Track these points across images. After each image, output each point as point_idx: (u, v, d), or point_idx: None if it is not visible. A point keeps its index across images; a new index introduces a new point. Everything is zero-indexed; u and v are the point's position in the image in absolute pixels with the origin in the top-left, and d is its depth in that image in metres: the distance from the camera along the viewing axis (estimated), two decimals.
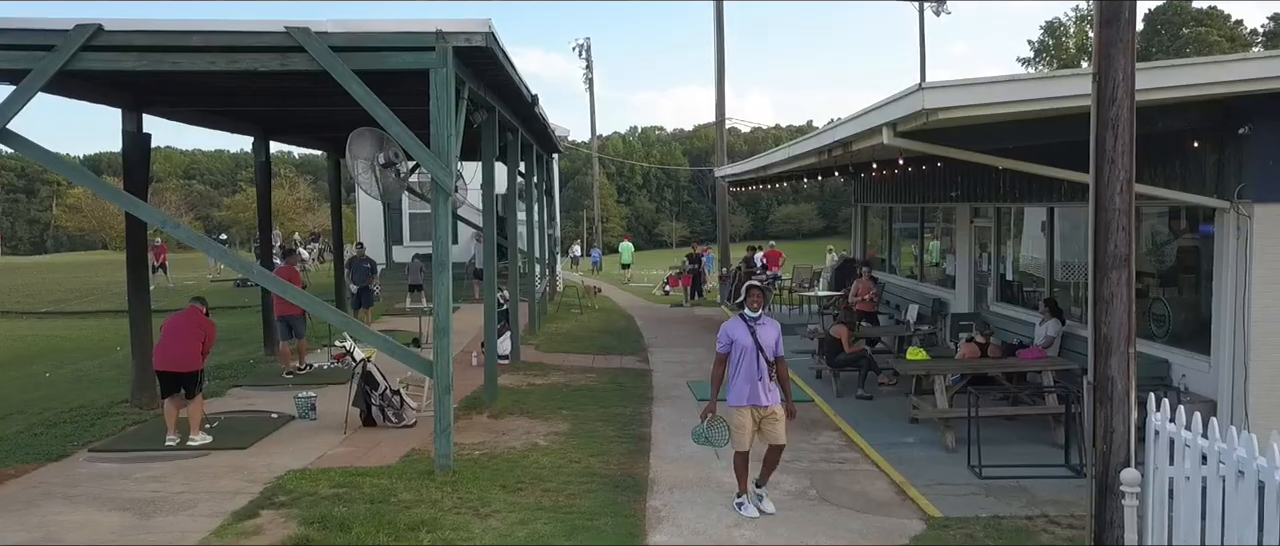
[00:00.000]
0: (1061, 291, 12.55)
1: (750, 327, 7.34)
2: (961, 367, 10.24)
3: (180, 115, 12.52)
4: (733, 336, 7.37)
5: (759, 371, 7.29)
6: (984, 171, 14.03)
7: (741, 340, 7.32)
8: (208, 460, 8.96)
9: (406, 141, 7.98)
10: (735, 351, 7.35)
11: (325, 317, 8.21)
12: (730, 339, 7.38)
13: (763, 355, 7.30)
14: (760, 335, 7.33)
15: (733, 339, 7.37)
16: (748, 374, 7.30)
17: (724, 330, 7.45)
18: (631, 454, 9.33)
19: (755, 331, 7.33)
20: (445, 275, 8.13)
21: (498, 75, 9.77)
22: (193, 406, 9.53)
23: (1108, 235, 5.80)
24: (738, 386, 7.37)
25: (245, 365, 14.47)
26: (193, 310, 9.66)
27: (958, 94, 7.33)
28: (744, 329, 7.35)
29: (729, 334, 7.40)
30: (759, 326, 7.36)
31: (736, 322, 7.43)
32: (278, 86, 10.91)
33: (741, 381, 7.33)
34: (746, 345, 7.29)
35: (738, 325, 7.40)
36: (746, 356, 7.30)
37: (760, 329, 7.36)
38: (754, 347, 7.28)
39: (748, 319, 7.38)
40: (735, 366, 7.37)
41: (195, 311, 9.65)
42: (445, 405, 8.18)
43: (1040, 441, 9.63)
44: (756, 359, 7.29)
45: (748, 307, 7.42)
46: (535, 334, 17.90)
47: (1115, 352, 5.79)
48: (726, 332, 7.42)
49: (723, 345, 7.43)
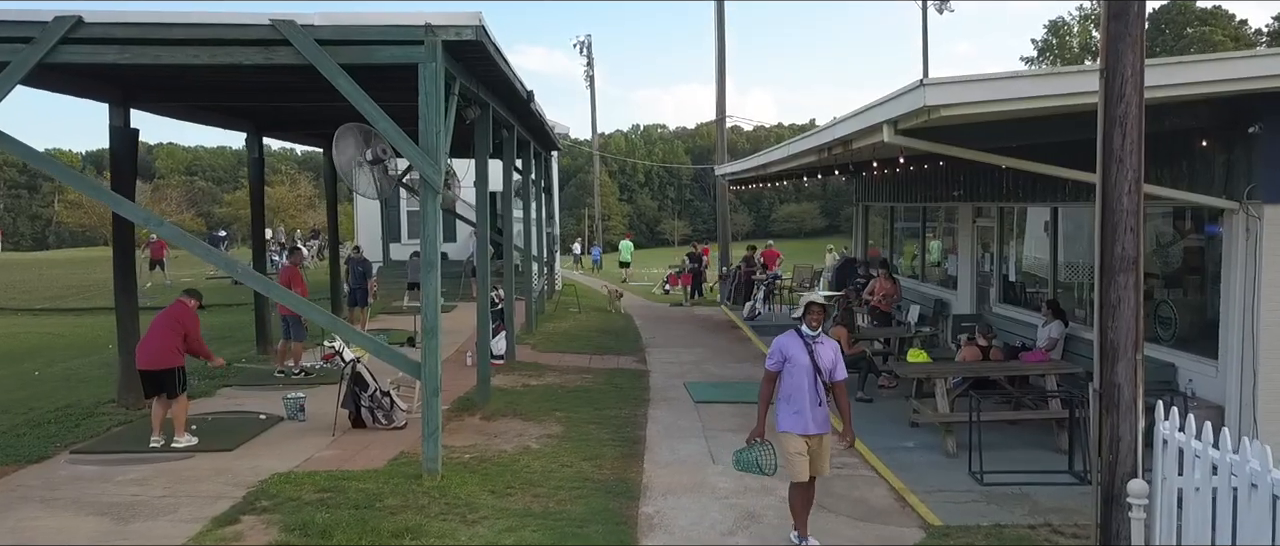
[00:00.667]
0: (1064, 292, 12.35)
1: (808, 346, 6.51)
2: (963, 370, 10.03)
3: (170, 110, 12.33)
4: (787, 354, 6.53)
5: (816, 396, 6.49)
6: (987, 170, 13.81)
7: (798, 358, 6.49)
8: (191, 462, 8.76)
9: (394, 137, 7.78)
10: (788, 372, 6.52)
11: (312, 318, 8.01)
12: (784, 356, 6.54)
13: (820, 377, 6.51)
14: (819, 354, 6.52)
15: (787, 357, 6.53)
16: (801, 397, 6.48)
17: (777, 346, 6.62)
18: (625, 457, 9.13)
19: (814, 350, 6.51)
20: (434, 275, 7.93)
21: (490, 70, 9.57)
22: (176, 407, 9.34)
23: (1115, 237, 5.59)
24: (788, 410, 6.56)
25: (238, 364, 14.25)
26: (177, 305, 9.46)
27: (961, 90, 7.12)
28: (801, 346, 6.51)
29: (783, 351, 6.56)
30: (818, 345, 6.54)
31: (792, 339, 6.58)
32: (269, 81, 10.73)
33: (793, 405, 6.53)
34: (803, 363, 6.48)
35: (794, 342, 6.56)
36: (802, 378, 6.48)
37: (819, 348, 6.54)
38: (811, 368, 6.47)
39: (805, 336, 6.54)
40: (786, 388, 6.55)
41: (180, 306, 9.44)
42: (433, 408, 7.98)
43: (1043, 447, 9.42)
44: (814, 381, 6.48)
45: (806, 324, 6.54)
46: (532, 333, 17.71)
47: (1122, 359, 5.58)
48: (780, 349, 6.57)
49: (773, 362, 6.60)
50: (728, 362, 15.22)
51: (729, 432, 10.26)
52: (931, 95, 7.11)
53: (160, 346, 9.17)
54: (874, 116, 8.40)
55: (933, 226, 18.28)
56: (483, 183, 11.28)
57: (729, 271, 25.73)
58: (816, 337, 6.56)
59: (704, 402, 11.87)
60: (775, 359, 6.59)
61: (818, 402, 6.50)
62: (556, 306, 22.99)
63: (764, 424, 6.65)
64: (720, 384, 13.21)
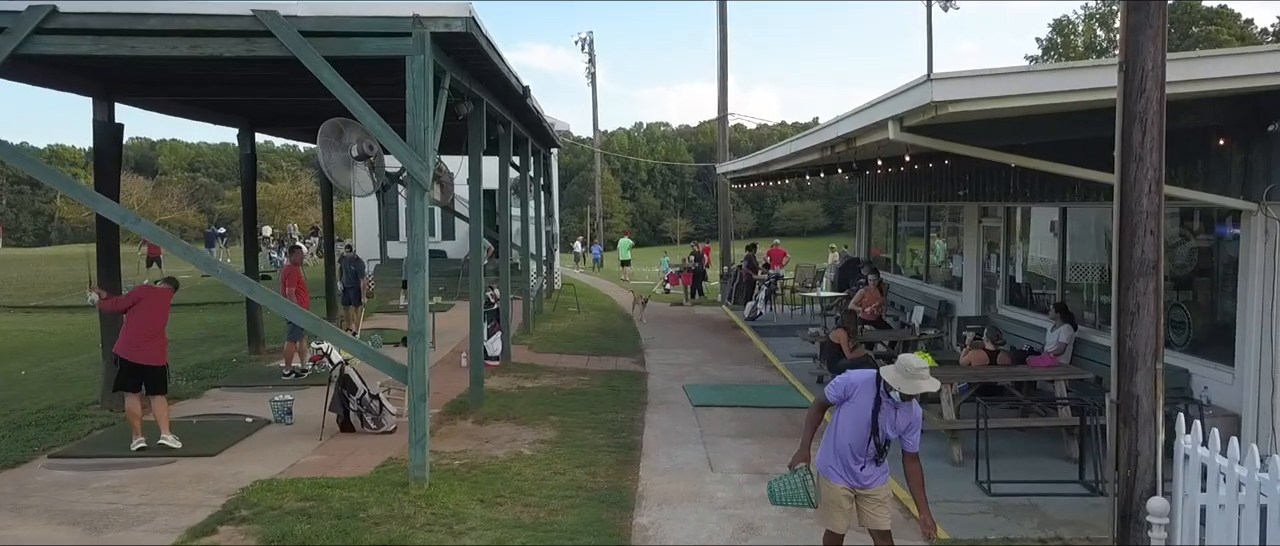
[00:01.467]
0: (1073, 295, 12.04)
1: (880, 398, 5.29)
2: (970, 376, 9.73)
3: (156, 105, 12.05)
4: (850, 394, 5.40)
5: (864, 453, 5.39)
6: (994, 169, 13.51)
7: (860, 403, 5.34)
8: (172, 468, 8.48)
9: (380, 133, 7.49)
10: (843, 411, 5.44)
11: (295, 321, 7.73)
12: (846, 395, 5.43)
13: (874, 439, 5.34)
14: (885, 414, 5.31)
15: (849, 396, 5.41)
16: (844, 447, 5.42)
17: (848, 380, 5.48)
18: (621, 464, 8.84)
19: (881, 406, 5.30)
20: (422, 275, 7.64)
21: (482, 65, 9.28)
22: (159, 405, 9.12)
23: (1134, 239, 5.29)
24: (828, 454, 5.55)
25: (227, 364, 14.01)
26: (167, 293, 9.21)
27: (969, 86, 6.81)
28: (870, 395, 5.32)
29: (850, 389, 5.42)
30: (893, 406, 5.30)
31: (869, 385, 5.35)
32: (258, 75, 10.44)
33: (834, 451, 5.49)
34: (861, 414, 5.32)
35: (868, 388, 5.34)
36: (849, 426, 5.38)
37: (893, 410, 5.32)
38: (868, 421, 5.31)
39: (884, 392, 5.29)
40: (834, 426, 5.51)
41: (169, 294, 9.20)
42: (421, 413, 7.70)
43: (1053, 455, 9.12)
44: (866, 440, 5.35)
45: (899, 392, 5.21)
46: (529, 333, 17.43)
47: (1141, 368, 5.29)
48: (849, 385, 5.44)
49: (835, 393, 5.51)
50: (728, 365, 14.92)
51: (728, 438, 9.98)
52: (939, 90, 6.81)
53: (162, 338, 9.03)
54: (879, 113, 8.10)
55: (937, 226, 17.98)
56: (476, 180, 10.99)
57: (730, 270, 25.41)
58: (899, 402, 5.28)
59: (703, 406, 11.58)
60: (837, 392, 5.49)
61: (861, 463, 5.42)
62: (555, 305, 22.71)
63: (808, 449, 5.57)
64: (720, 387, 12.92)
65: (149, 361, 9.06)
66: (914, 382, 5.19)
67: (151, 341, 9.05)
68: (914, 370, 5.20)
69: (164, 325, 9.13)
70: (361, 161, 7.80)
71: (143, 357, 9.02)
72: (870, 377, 5.39)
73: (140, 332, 9.02)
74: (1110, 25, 71.79)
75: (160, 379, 9.21)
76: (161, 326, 9.09)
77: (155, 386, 9.15)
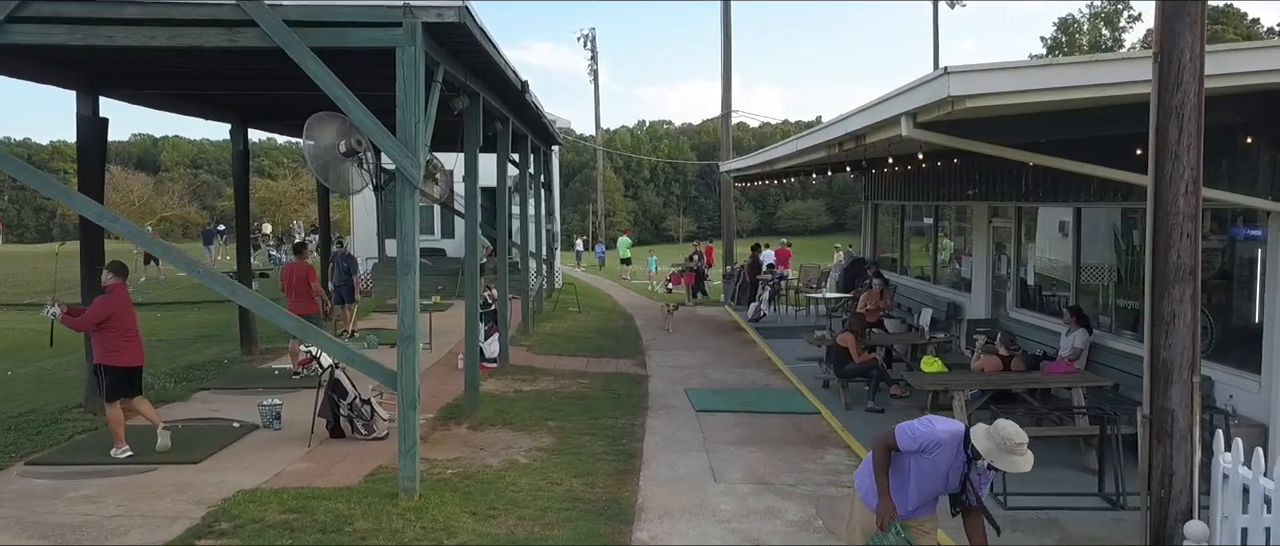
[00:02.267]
0: (1085, 297, 11.68)
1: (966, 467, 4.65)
2: (983, 382, 9.37)
3: (143, 99, 11.69)
4: (928, 449, 4.69)
5: (929, 501, 4.90)
6: (1005, 168, 13.16)
7: (940, 460, 4.68)
8: (152, 477, 8.14)
9: (369, 127, 7.14)
10: (916, 463, 4.75)
11: (279, 324, 7.40)
12: (922, 448, 4.70)
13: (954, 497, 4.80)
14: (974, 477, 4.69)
15: (926, 450, 4.69)
16: (907, 490, 4.82)
17: (931, 434, 4.70)
18: (620, 474, 8.49)
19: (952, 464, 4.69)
20: (411, 277, 7.29)
21: (478, 57, 8.92)
22: (143, 404, 8.90)
23: (1169, 243, 4.94)
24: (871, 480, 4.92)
25: (218, 365, 13.67)
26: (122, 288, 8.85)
27: (989, 79, 6.45)
28: (954, 457, 4.66)
29: (928, 443, 4.69)
30: (976, 474, 4.68)
31: (955, 445, 4.66)
32: (249, 68, 10.10)
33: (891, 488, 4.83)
34: (939, 471, 4.71)
35: (953, 449, 4.67)
36: (928, 480, 4.77)
37: (978, 476, 4.70)
38: (945, 479, 4.74)
39: (970, 456, 4.61)
40: (895, 466, 4.82)
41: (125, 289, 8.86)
42: (411, 421, 7.35)
43: (1070, 466, 8.76)
44: (938, 493, 4.83)
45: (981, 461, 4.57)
46: (528, 334, 17.09)
47: (1176, 381, 4.94)
48: (928, 440, 4.69)
49: (909, 443, 4.72)
50: (730, 367, 14.57)
51: (731, 446, 9.63)
52: (956, 85, 6.45)
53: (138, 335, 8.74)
54: (891, 108, 7.75)
55: (944, 225, 17.62)
56: (472, 177, 10.64)
57: (733, 270, 25.04)
58: (983, 469, 4.65)
59: (705, 411, 11.23)
60: (913, 443, 4.71)
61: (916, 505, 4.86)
62: (556, 305, 22.36)
63: (890, 496, 4.78)
64: (722, 391, 12.57)
65: (134, 362, 8.75)
66: (1011, 459, 4.47)
67: (131, 342, 8.72)
68: (1014, 445, 4.47)
69: (135, 321, 8.79)
70: (350, 157, 7.45)
71: (127, 360, 8.70)
72: (957, 436, 4.66)
73: (118, 336, 8.64)
74: (1116, 24, 71.43)
75: (139, 379, 8.96)
76: (134, 324, 8.76)
77: (134, 387, 8.85)
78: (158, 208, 63.36)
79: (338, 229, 36.55)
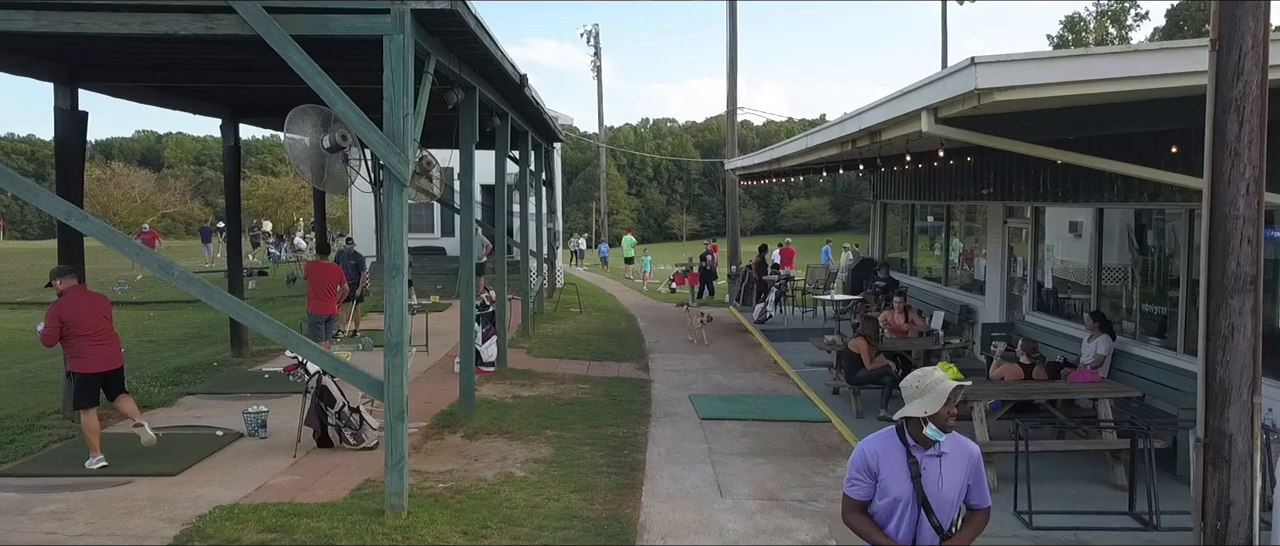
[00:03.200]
0: (1107, 300, 11.21)
1: (913, 464, 3.71)
2: (1005, 392, 8.89)
3: (125, 92, 11.24)
4: (877, 470, 3.75)
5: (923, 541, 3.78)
6: (1021, 166, 12.70)
7: (894, 486, 3.73)
8: (126, 490, 7.68)
9: (354, 121, 6.68)
10: (881, 505, 3.78)
11: (260, 330, 6.95)
12: (872, 477, 3.77)
13: (930, 515, 3.73)
14: (928, 479, 3.71)
15: (876, 473, 3.75)
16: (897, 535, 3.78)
17: (861, 458, 3.80)
18: (621, 488, 8.03)
19: (923, 471, 3.71)
20: (399, 280, 6.83)
21: (473, 49, 8.46)
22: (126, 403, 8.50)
23: (1227, 250, 4.47)
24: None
25: (207, 368, 13.22)
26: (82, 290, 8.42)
27: (1019, 71, 5.98)
28: (901, 465, 3.72)
29: (870, 467, 3.76)
30: (935, 460, 3.73)
31: (888, 449, 3.76)
32: (234, 60, 9.68)
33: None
34: (902, 497, 3.73)
35: (891, 449, 3.76)
36: (902, 517, 3.75)
37: (937, 465, 3.73)
38: (915, 505, 3.73)
39: (912, 446, 3.73)
40: (880, 518, 3.80)
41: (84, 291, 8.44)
42: (398, 434, 6.89)
43: (1095, 481, 8.30)
44: (915, 521, 3.76)
45: (929, 426, 3.66)
46: (528, 336, 16.63)
47: (1235, 402, 4.47)
48: (865, 465, 3.78)
49: (857, 489, 3.80)
50: (736, 372, 14.11)
51: (738, 457, 9.18)
52: (984, 76, 5.98)
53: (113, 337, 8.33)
54: (911, 103, 7.28)
55: (954, 225, 17.15)
56: (468, 174, 10.18)
57: (738, 270, 24.56)
58: (936, 447, 3.71)
59: (711, 419, 10.77)
60: (860, 486, 3.79)
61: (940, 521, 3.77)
62: (557, 306, 21.89)
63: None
64: (728, 397, 12.10)
65: (103, 367, 8.29)
66: (939, 389, 3.61)
67: (102, 345, 8.27)
68: (933, 380, 3.67)
69: (105, 322, 8.31)
70: (335, 153, 7.00)
71: (96, 365, 8.25)
72: (886, 433, 3.80)
73: (82, 341, 8.16)
74: (1123, 22, 70.72)
75: (121, 379, 8.52)
76: (103, 326, 8.27)
77: (115, 388, 8.42)
78: (159, 204, 63.05)
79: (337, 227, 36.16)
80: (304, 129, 7.02)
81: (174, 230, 65.68)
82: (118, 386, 8.50)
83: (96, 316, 8.20)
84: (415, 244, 25.40)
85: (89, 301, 8.30)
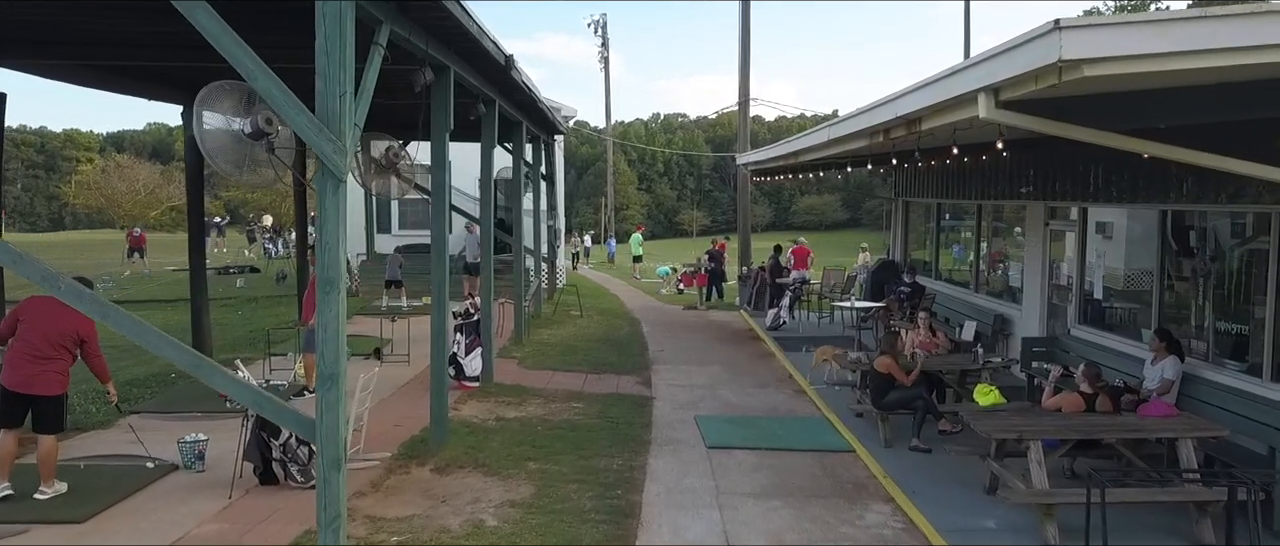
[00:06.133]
0: (1171, 315, 9.84)
1: None
2: (1064, 429, 7.54)
3: (56, 71, 9.92)
4: None
5: None
6: (1069, 162, 11.35)
7: None
8: (19, 542, 6.43)
9: (278, 100, 5.38)
10: None
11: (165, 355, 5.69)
12: None
13: None
14: None
15: None
16: None
17: None
18: (611, 542, 6.74)
19: None
20: (334, 296, 5.53)
21: (438, 17, 7.16)
22: (45, 447, 7.16)
23: None
24: None
25: (162, 380, 11.93)
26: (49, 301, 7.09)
27: (1119, 38, 4.63)
28: None
29: None
30: None
31: None
32: (192, 36, 8.38)
33: None
34: None
35: None
36: None
37: None
38: None
39: None
40: None
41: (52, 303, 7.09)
42: (334, 486, 5.59)
43: (1176, 533, 6.96)
44: None
45: None
46: (521, 343, 15.34)
47: None
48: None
49: None
50: (748, 387, 12.78)
51: (750, 499, 7.87)
52: (1071, 45, 4.63)
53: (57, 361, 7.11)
54: (964, 82, 5.95)
55: (985, 225, 15.78)
56: (438, 167, 8.89)
57: (749, 271, 23.19)
58: None
59: (718, 447, 9.47)
60: None
61: None
62: (556, 308, 20.59)
63: None
64: (739, 420, 10.77)
65: (35, 390, 7.06)
66: None
67: (35, 364, 7.04)
68: None
69: (55, 342, 7.10)
70: (257, 137, 5.75)
71: (28, 386, 7.03)
72: None
73: (20, 353, 7.04)
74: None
75: (51, 413, 7.20)
76: (49, 344, 7.06)
77: (43, 422, 7.15)
78: (164, 197, 62.15)
79: None
80: (221, 110, 5.76)
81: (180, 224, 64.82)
82: (44, 422, 7.20)
83: (45, 334, 7.04)
84: (410, 241, 24.14)
85: (51, 318, 7.09)
